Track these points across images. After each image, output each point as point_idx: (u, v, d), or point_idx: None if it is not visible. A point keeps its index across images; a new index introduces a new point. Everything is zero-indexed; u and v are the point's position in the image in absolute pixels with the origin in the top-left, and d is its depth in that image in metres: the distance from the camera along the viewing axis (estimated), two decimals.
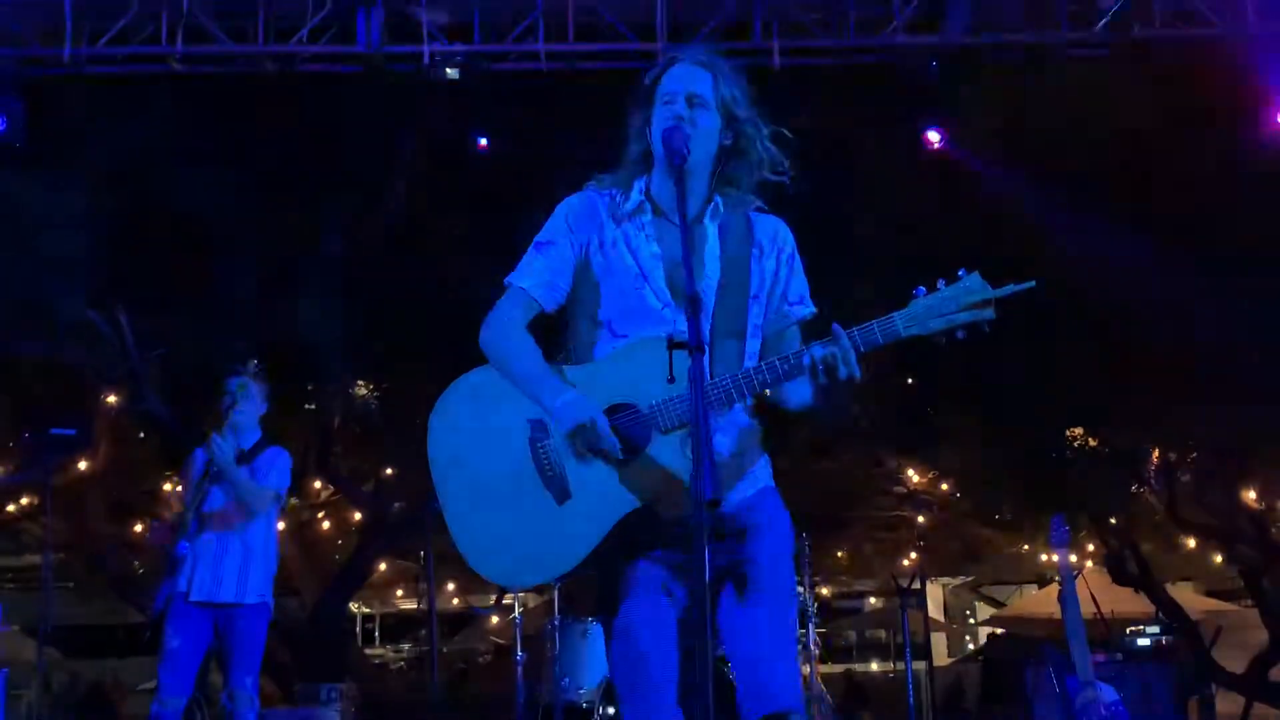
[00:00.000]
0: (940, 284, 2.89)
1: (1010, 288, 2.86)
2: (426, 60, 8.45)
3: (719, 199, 3.20)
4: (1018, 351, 10.70)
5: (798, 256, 3.29)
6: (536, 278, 3.20)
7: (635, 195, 3.21)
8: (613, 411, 3.04)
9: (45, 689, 11.67)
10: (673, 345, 2.87)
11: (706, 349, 2.82)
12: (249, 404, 6.39)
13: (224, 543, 6.18)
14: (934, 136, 8.60)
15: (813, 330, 3.18)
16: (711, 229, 3.19)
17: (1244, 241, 10.14)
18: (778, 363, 2.97)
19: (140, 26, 8.38)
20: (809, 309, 3.27)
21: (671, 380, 2.94)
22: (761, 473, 3.24)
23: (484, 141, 8.79)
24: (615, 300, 3.16)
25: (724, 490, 3.00)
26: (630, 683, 3.08)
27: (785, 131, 3.26)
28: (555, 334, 3.23)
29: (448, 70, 8.48)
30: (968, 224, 10.46)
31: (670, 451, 2.97)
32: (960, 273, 2.89)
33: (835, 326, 3.01)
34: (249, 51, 8.44)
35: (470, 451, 3.19)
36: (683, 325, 2.87)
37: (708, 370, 2.89)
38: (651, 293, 3.13)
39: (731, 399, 2.98)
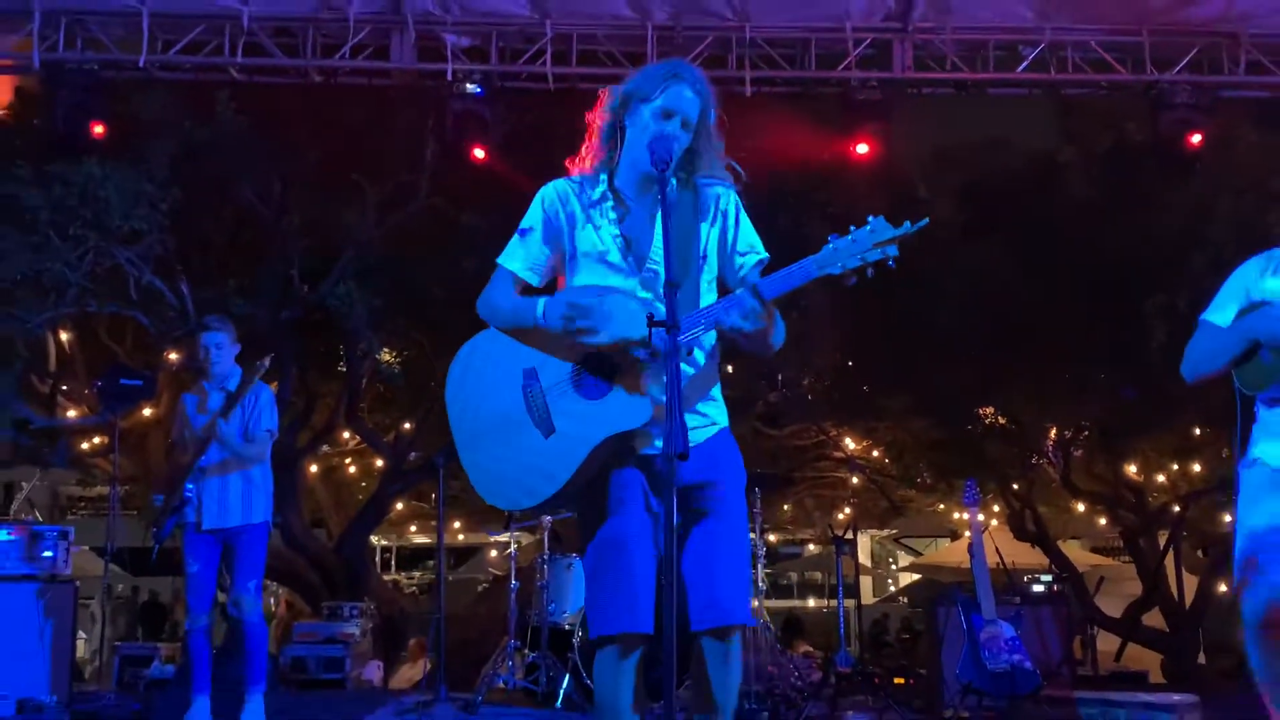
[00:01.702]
0: (851, 228, 2.87)
1: (908, 226, 2.83)
2: (450, 77, 8.40)
3: (673, 180, 3.16)
4: (940, 343, 10.71)
5: (742, 211, 3.24)
6: (522, 262, 3.23)
7: (600, 185, 3.21)
8: (588, 356, 3.08)
9: (109, 599, 11.59)
10: (652, 323, 2.85)
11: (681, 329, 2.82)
12: (223, 353, 6.24)
13: (226, 479, 6.09)
14: (862, 149, 8.55)
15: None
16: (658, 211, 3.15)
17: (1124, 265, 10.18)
18: (694, 317, 2.99)
19: (206, 40, 8.31)
20: (759, 255, 3.21)
21: (654, 354, 2.94)
22: (718, 415, 3.21)
23: (481, 154, 8.70)
24: (584, 271, 3.17)
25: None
26: (599, 569, 3.06)
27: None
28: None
29: (468, 85, 8.43)
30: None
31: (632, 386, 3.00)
32: (868, 218, 2.86)
33: (736, 291, 3.03)
34: (298, 64, 8.38)
35: (475, 400, 3.23)
36: (648, 286, 3.06)
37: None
38: (612, 266, 3.14)
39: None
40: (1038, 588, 9.67)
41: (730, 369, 3.15)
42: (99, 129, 8.40)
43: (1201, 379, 3.61)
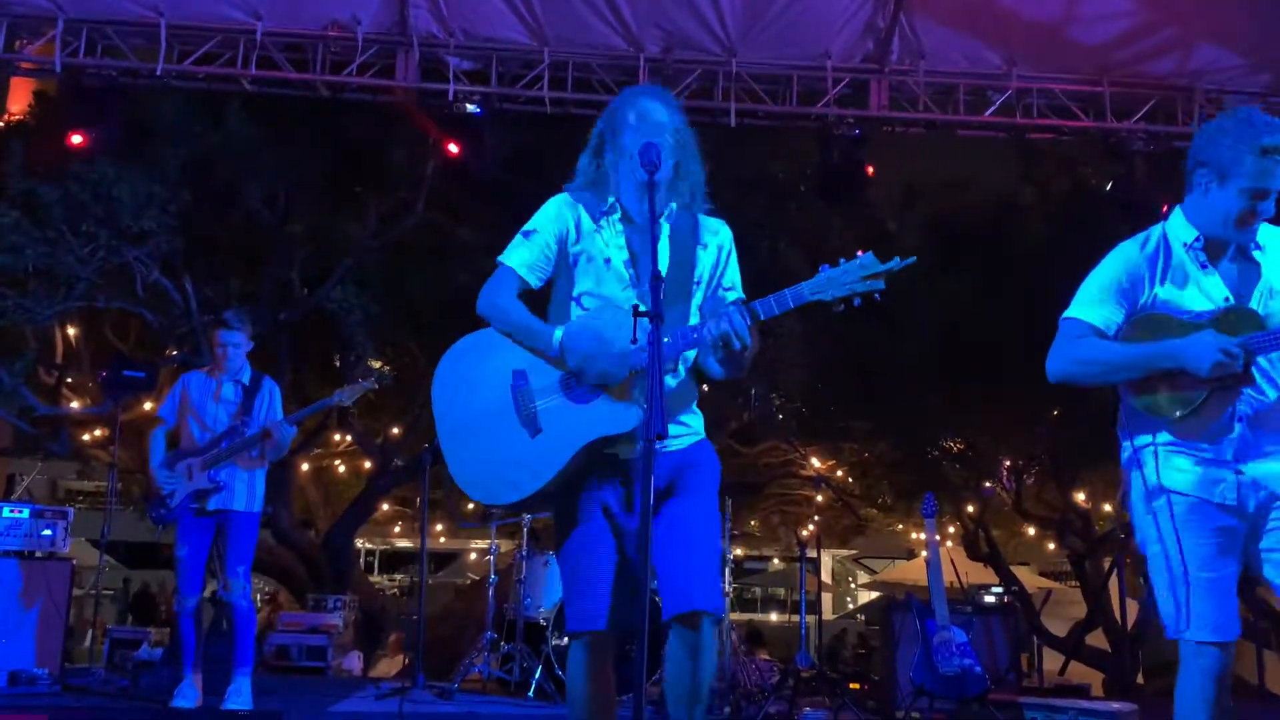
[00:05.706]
0: (841, 261, 2.92)
1: (897, 262, 2.87)
2: (451, 97, 8.40)
3: (673, 205, 3.22)
4: (903, 370, 10.76)
5: (734, 252, 3.29)
6: (522, 259, 3.21)
7: (609, 201, 3.21)
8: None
9: (100, 585, 11.45)
10: (637, 314, 2.85)
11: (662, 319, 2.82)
12: (239, 351, 6.20)
13: (235, 465, 6.04)
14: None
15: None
16: (665, 228, 3.20)
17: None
18: (688, 331, 3.01)
19: (220, 52, 8.30)
20: (737, 294, 3.24)
21: (635, 342, 2.94)
22: (698, 425, 3.24)
23: (455, 149, 8.64)
24: (588, 281, 3.15)
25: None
26: (571, 572, 3.10)
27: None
28: (536, 308, 3.20)
29: (468, 106, 8.43)
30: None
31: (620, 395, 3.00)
32: (858, 253, 2.91)
33: (728, 306, 3.04)
34: (307, 79, 8.35)
35: (463, 394, 3.18)
36: (646, 299, 2.92)
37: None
38: (617, 277, 3.14)
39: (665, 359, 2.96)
40: (989, 598, 9.69)
41: (705, 388, 3.16)
42: (77, 139, 8.12)
43: (1073, 383, 3.30)
